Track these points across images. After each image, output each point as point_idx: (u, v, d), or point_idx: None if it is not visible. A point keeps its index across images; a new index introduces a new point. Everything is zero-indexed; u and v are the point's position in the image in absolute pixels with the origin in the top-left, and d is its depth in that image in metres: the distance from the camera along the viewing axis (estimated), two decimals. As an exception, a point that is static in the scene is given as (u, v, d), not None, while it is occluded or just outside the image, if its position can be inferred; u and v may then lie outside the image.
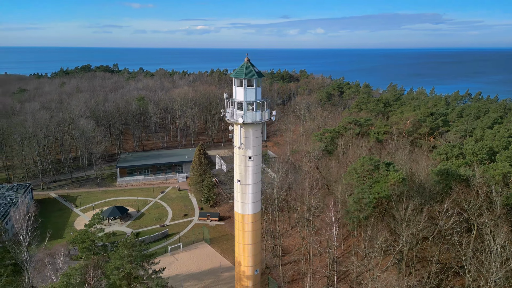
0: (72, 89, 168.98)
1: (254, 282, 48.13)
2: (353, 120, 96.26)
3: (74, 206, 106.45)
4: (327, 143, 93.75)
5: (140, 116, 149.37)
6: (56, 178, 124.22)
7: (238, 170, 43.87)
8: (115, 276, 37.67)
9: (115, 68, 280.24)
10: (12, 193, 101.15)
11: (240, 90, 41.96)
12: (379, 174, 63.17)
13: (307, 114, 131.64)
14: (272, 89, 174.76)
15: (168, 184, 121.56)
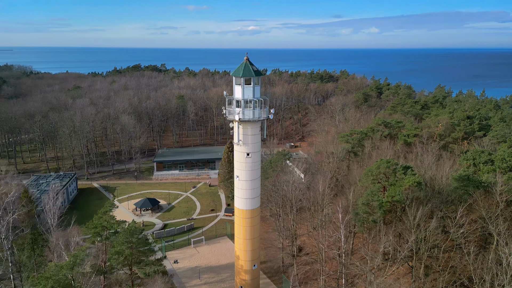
0: (120, 87, 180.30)
1: (252, 276, 49.18)
2: (382, 121, 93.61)
3: (112, 196, 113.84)
4: (354, 145, 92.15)
5: (179, 114, 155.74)
6: (100, 169, 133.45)
7: (237, 166, 45.26)
8: (115, 260, 40.80)
9: (163, 67, 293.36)
10: (58, 181, 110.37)
11: (238, 88, 43.31)
12: (395, 177, 61.41)
13: (341, 115, 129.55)
14: (308, 89, 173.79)
15: (200, 180, 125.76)
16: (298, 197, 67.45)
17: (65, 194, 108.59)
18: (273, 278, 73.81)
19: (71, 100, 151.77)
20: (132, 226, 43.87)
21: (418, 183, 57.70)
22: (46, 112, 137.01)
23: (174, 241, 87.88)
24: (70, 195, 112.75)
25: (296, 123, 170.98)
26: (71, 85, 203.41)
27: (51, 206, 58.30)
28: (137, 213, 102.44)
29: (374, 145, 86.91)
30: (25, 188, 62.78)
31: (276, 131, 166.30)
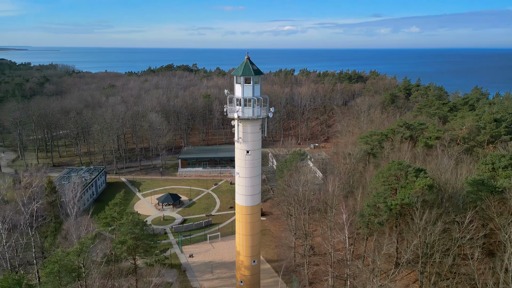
0: (151, 86, 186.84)
1: (252, 272, 50.04)
2: (404, 123, 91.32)
3: (137, 191, 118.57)
4: (373, 146, 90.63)
5: (206, 113, 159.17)
6: (128, 164, 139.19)
7: (237, 163, 46.32)
8: (119, 249, 43.20)
9: (194, 67, 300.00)
10: (88, 174, 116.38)
11: (238, 86, 44.38)
12: (406, 180, 60.17)
13: (366, 116, 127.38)
14: (335, 89, 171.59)
15: (222, 178, 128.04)
16: (309, 197, 67.48)
17: (94, 187, 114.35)
18: (284, 276, 74.31)
19: (104, 98, 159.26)
20: (136, 218, 46.13)
21: (429, 186, 56.25)
22: (81, 109, 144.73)
23: (191, 236, 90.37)
24: (99, 188, 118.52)
25: (322, 123, 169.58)
26: (107, 84, 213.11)
27: (71, 197, 62.09)
28: (159, 207, 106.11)
29: (394, 147, 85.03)
30: (49, 179, 66.99)
31: (301, 132, 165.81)
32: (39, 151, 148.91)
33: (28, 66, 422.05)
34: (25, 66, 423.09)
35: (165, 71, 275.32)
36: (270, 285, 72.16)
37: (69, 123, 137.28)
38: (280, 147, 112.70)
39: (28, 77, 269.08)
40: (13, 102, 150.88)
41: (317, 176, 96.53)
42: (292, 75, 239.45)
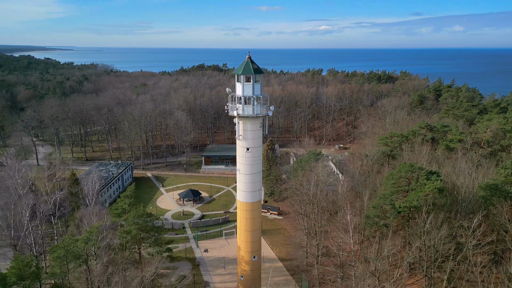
0: (181, 85, 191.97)
1: (252, 267, 50.91)
2: (425, 125, 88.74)
3: (161, 186, 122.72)
4: (393, 148, 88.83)
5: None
6: (154, 160, 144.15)
7: (238, 160, 47.43)
8: (124, 238, 45.63)
9: (224, 67, 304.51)
10: (115, 169, 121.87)
11: (239, 85, 45.44)
12: (417, 182, 58.89)
13: (391, 118, 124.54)
14: (361, 89, 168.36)
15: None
16: (319, 198, 67.47)
17: (120, 181, 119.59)
18: (295, 276, 74.70)
19: (135, 96, 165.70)
20: (140, 210, 48.44)
21: (439, 189, 54.83)
22: (112, 107, 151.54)
23: (208, 231, 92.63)
24: (125, 182, 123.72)
25: (349, 124, 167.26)
26: (139, 82, 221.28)
27: (89, 188, 65.78)
28: (180, 202, 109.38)
29: (413, 149, 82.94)
30: (72, 171, 71.23)
31: (326, 132, 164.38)
32: (74, 145, 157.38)
33: (71, 65, 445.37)
34: (68, 65, 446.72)
35: (196, 70, 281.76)
36: (281, 283, 72.86)
37: (101, 120, 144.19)
38: (297, 147, 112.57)
39: (69, 76, 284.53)
40: (52, 99, 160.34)
41: (336, 177, 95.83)
42: (319, 75, 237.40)
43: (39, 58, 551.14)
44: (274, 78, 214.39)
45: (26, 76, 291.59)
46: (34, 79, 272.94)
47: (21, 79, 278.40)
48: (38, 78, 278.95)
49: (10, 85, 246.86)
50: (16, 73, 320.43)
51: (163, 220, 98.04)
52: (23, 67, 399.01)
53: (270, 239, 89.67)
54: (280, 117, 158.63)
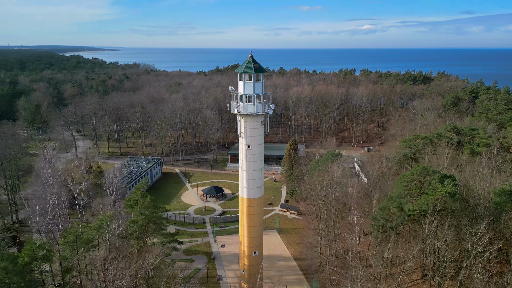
0: (213, 84, 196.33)
1: (252, 262, 51.85)
2: (452, 127, 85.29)
3: (187, 182, 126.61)
4: (416, 151, 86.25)
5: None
6: (183, 157, 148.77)
7: (240, 157, 48.59)
8: (131, 228, 48.32)
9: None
10: (144, 163, 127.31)
11: (240, 83, 46.59)
12: (430, 186, 57.28)
13: (422, 120, 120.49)
14: (394, 90, 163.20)
15: (268, 175, 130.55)
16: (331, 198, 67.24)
17: (149, 175, 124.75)
18: (308, 275, 74.81)
19: (168, 95, 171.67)
20: (147, 201, 50.95)
21: (451, 193, 53.03)
22: (145, 104, 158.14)
23: (226, 227, 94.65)
24: (154, 177, 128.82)
25: (380, 126, 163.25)
26: (175, 82, 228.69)
27: (110, 181, 69.77)
28: (203, 198, 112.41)
29: (436, 152, 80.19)
30: (98, 164, 75.70)
31: (355, 134, 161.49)
32: (110, 141, 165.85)
33: (115, 65, 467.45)
34: (113, 64, 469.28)
35: (230, 70, 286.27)
36: (292, 282, 73.30)
37: (134, 117, 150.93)
38: (318, 147, 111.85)
39: (111, 75, 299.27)
40: (91, 96, 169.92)
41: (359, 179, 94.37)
42: (352, 75, 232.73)
43: (87, 58, 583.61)
44: (305, 78, 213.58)
45: (73, 75, 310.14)
46: (80, 78, 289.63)
47: (68, 77, 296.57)
48: (83, 76, 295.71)
49: (58, 83, 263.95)
50: (65, 71, 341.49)
51: (185, 214, 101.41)
52: (72, 66, 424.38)
53: (286, 238, 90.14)
54: (309, 117, 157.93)
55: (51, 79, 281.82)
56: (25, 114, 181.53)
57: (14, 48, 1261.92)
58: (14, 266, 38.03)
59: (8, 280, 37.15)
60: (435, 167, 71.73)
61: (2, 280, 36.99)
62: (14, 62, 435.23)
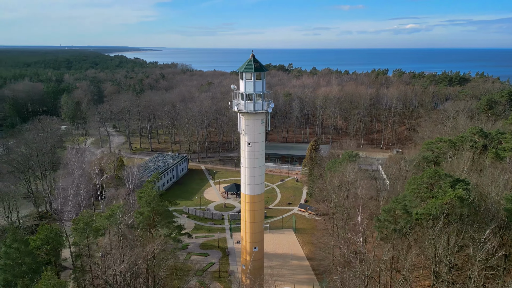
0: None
1: (253, 258, 52.61)
2: (478, 131, 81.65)
3: (211, 179, 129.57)
4: (439, 154, 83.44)
5: (286, 110, 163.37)
6: (209, 155, 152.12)
7: (241, 154, 49.65)
8: (138, 218, 50.85)
9: (290, 67, 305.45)
10: (171, 160, 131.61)
11: (242, 82, 47.67)
12: (439, 189, 55.66)
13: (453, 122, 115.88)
14: (426, 92, 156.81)
15: (290, 175, 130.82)
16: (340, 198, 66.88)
17: (175, 171, 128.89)
18: (319, 276, 74.77)
19: (197, 94, 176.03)
20: (153, 194, 53.27)
21: (460, 198, 51.26)
22: (175, 103, 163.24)
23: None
24: (180, 173, 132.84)
25: (411, 128, 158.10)
26: (206, 81, 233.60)
27: (129, 174, 73.38)
28: (224, 195, 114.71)
29: (458, 155, 77.20)
30: (120, 158, 79.75)
31: (384, 136, 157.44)
32: (142, 137, 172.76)
33: (155, 64, 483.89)
34: (152, 64, 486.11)
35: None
36: (302, 282, 73.55)
37: (164, 114, 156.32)
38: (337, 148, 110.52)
39: (148, 74, 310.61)
40: (126, 94, 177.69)
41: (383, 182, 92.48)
42: (383, 75, 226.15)
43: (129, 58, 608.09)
44: (335, 78, 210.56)
45: (114, 74, 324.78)
46: (119, 77, 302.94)
47: (109, 76, 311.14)
48: (123, 75, 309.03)
49: (100, 81, 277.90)
50: (107, 70, 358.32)
51: (205, 210, 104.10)
52: (114, 66, 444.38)
53: (302, 238, 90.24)
54: (337, 118, 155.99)
55: (93, 77, 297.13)
56: (66, 110, 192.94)
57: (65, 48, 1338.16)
58: (26, 248, 41.63)
59: (20, 260, 40.82)
60: (454, 171, 69.28)
61: (15, 259, 40.73)
62: (62, 62, 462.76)
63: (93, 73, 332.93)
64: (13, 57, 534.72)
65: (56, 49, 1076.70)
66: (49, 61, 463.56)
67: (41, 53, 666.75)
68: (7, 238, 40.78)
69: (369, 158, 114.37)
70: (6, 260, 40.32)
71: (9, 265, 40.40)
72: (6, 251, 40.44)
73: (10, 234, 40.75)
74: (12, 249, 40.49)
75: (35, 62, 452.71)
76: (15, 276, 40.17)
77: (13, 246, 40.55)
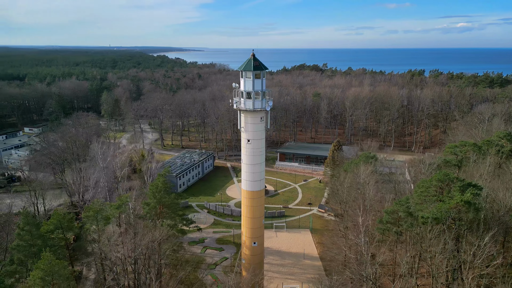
0: (271, 84, 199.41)
1: (252, 252, 53.53)
2: (505, 134, 77.33)
3: (235, 176, 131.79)
4: (463, 157, 79.99)
5: (314, 111, 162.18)
6: (236, 152, 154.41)
7: (242, 151, 50.68)
8: (145, 209, 53.43)
9: (324, 67, 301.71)
10: (197, 157, 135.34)
11: (242, 80, 48.76)
12: (448, 193, 53.83)
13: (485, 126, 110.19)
14: (462, 93, 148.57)
15: (314, 175, 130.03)
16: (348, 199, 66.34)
17: (200, 167, 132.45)
18: (330, 276, 74.24)
19: (227, 93, 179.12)
20: (159, 186, 55.66)
21: (467, 202, 49.34)
22: (206, 101, 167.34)
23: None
24: (206, 169, 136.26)
25: (446, 131, 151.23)
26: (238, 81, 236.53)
27: (147, 168, 76.94)
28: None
29: (480, 160, 73.72)
30: (142, 152, 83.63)
31: (416, 138, 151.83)
32: (174, 134, 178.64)
33: (194, 64, 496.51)
34: (192, 64, 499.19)
35: (296, 70, 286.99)
36: (310, 281, 73.45)
37: (194, 113, 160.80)
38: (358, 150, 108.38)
39: (186, 73, 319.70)
40: (159, 92, 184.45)
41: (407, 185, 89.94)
42: (419, 76, 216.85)
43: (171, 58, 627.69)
44: (368, 79, 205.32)
45: (154, 73, 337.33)
46: (158, 76, 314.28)
47: (149, 75, 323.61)
48: (162, 74, 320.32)
49: (140, 80, 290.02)
50: (147, 70, 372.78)
51: (225, 206, 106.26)
52: (155, 65, 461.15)
53: (318, 238, 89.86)
54: (368, 119, 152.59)
55: (134, 76, 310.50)
56: (106, 107, 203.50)
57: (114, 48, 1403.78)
58: (37, 231, 45.48)
59: (31, 241, 44.68)
60: (474, 176, 66.30)
61: (27, 241, 44.67)
62: (108, 61, 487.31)
63: (134, 72, 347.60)
64: (65, 56, 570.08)
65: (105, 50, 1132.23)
66: (96, 61, 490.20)
67: (91, 53, 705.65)
68: (20, 222, 44.93)
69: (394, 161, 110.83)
70: (19, 241, 44.44)
71: (22, 246, 44.51)
72: (19, 233, 44.60)
73: (23, 217, 44.90)
74: (24, 231, 44.55)
75: (84, 62, 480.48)
76: (26, 256, 44.20)
77: (25, 228, 44.57)
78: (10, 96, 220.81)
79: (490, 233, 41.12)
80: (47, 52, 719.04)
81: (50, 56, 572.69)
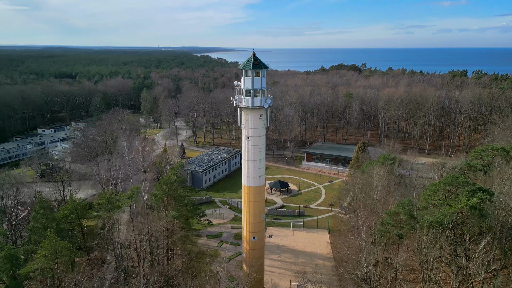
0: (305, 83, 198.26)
1: (251, 247, 54.42)
2: (537, 139, 72.20)
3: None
4: (489, 162, 75.95)
5: (346, 111, 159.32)
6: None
7: (242, 147, 51.78)
8: (152, 200, 56.21)
9: (363, 67, 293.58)
10: (225, 154, 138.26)
11: (242, 79, 49.85)
12: (456, 197, 51.87)
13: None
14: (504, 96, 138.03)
15: (340, 176, 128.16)
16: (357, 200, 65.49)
17: (227, 164, 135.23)
18: (340, 277, 73.65)
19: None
20: (166, 178, 58.23)
21: (472, 207, 47.32)
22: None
23: (279, 220, 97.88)
24: (232, 167, 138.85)
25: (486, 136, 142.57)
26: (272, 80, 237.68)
27: (166, 163, 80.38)
28: (268, 191, 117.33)
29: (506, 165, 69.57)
30: (164, 148, 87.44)
31: (453, 142, 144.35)
32: (207, 132, 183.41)
33: (235, 64, 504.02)
34: (232, 64, 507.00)
35: (333, 69, 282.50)
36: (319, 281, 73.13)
37: (225, 111, 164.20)
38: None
39: (224, 73, 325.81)
40: (193, 91, 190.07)
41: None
42: (461, 77, 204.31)
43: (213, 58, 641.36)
44: (406, 79, 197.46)
45: (194, 72, 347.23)
46: (198, 75, 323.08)
47: (189, 74, 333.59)
48: (201, 74, 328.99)
49: (180, 79, 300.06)
50: (188, 69, 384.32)
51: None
52: (197, 65, 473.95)
53: (334, 239, 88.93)
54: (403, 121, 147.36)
55: (175, 76, 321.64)
56: (145, 104, 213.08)
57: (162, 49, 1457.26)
58: (51, 214, 49.68)
59: (46, 224, 48.91)
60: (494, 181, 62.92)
61: (42, 223, 48.97)
62: (153, 61, 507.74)
63: (176, 72, 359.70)
64: (115, 56, 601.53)
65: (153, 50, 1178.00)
66: (143, 60, 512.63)
67: (140, 53, 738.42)
68: (36, 205, 49.45)
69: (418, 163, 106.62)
70: (34, 224, 48.90)
71: (37, 228, 48.92)
72: (34, 216, 49.09)
73: (37, 202, 49.35)
74: (39, 215, 48.90)
75: (132, 61, 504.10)
76: (40, 237, 48.50)
77: (40, 212, 48.90)
78: (61, 93, 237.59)
79: (485, 239, 39.08)
80: (99, 52, 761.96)
81: (102, 56, 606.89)
